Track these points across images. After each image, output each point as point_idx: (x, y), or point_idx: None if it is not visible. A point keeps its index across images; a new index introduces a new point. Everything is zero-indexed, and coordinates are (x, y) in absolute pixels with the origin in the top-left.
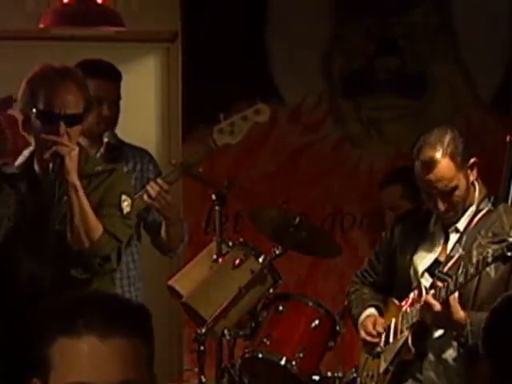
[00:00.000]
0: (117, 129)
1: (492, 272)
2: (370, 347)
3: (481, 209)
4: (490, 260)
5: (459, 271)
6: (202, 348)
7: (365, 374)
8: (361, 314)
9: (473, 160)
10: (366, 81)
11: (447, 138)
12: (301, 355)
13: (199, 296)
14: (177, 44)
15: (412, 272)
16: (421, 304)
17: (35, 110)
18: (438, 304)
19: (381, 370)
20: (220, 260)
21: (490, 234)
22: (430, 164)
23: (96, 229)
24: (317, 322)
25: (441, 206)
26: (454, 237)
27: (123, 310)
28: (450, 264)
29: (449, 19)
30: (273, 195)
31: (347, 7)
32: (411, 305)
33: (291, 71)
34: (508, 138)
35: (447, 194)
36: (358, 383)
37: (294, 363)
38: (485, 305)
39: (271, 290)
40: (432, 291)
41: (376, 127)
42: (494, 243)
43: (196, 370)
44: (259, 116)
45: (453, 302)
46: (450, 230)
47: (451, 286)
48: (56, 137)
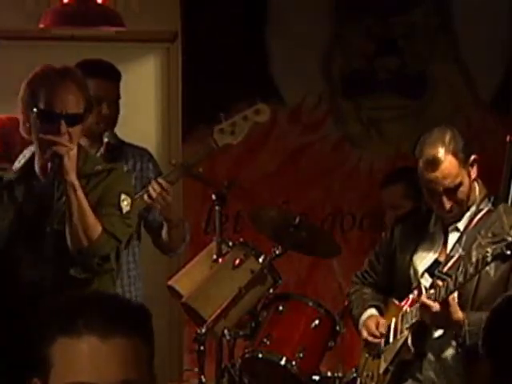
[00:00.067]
0: (117, 128)
1: (492, 272)
2: (372, 348)
3: (481, 209)
4: (490, 259)
5: (459, 271)
6: (202, 348)
7: (365, 374)
8: (362, 315)
9: (473, 157)
10: (366, 81)
11: (448, 136)
12: (301, 355)
13: (199, 296)
14: (177, 44)
15: (412, 272)
16: (419, 304)
17: (36, 110)
18: (436, 304)
19: (381, 370)
20: (220, 260)
21: (490, 234)
22: (434, 162)
23: (95, 228)
24: (317, 322)
25: (446, 205)
26: (454, 236)
27: (123, 310)
28: (450, 264)
29: (449, 19)
30: (273, 195)
31: (347, 7)
32: (411, 305)
33: (291, 71)
34: (508, 138)
35: (452, 192)
36: (358, 383)
37: (294, 363)
38: (484, 305)
39: (271, 290)
40: (431, 291)
41: (376, 127)
42: (494, 243)
43: (196, 370)
44: (259, 116)
45: (452, 302)
46: (450, 229)
47: (451, 286)
48: (54, 137)
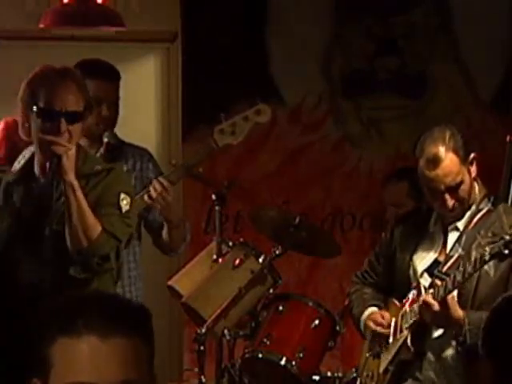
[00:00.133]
0: (117, 128)
1: (491, 272)
2: (379, 342)
3: (480, 208)
4: (488, 258)
5: (457, 270)
6: (202, 348)
7: (365, 374)
8: (362, 314)
9: (473, 155)
10: (366, 81)
11: (448, 134)
12: (301, 355)
13: (199, 296)
14: (177, 44)
15: (411, 272)
16: (419, 304)
17: (36, 109)
18: (437, 303)
19: (381, 370)
20: (220, 260)
21: (490, 234)
22: (435, 160)
23: (94, 228)
24: (317, 322)
25: (449, 203)
26: (454, 236)
27: (123, 310)
28: (450, 264)
29: (449, 19)
30: (273, 195)
31: (347, 7)
32: (411, 305)
33: (291, 71)
34: (508, 138)
35: (454, 190)
36: (358, 383)
37: (294, 363)
38: (484, 305)
39: (271, 290)
40: (431, 290)
41: (376, 127)
42: (493, 243)
43: (196, 370)
44: (260, 116)
45: (451, 301)
46: (450, 229)
47: (449, 285)
48: (53, 136)
